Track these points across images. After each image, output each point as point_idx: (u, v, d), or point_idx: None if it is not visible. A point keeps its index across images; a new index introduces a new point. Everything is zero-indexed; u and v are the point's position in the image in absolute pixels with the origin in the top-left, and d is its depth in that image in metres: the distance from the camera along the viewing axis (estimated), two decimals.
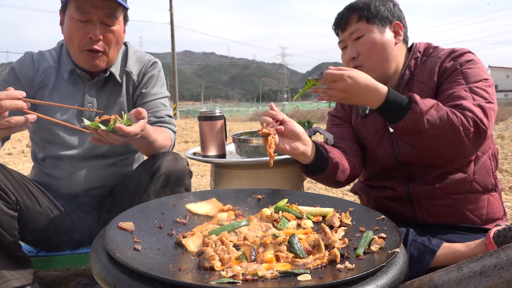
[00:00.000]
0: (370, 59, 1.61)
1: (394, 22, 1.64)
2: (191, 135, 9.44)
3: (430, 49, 1.69)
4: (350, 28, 1.63)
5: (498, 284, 0.95)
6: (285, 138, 1.45)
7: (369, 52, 1.61)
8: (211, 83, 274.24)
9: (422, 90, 1.59)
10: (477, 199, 1.57)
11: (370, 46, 1.61)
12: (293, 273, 0.90)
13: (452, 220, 1.57)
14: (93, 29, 1.66)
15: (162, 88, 1.92)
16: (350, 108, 1.83)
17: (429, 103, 1.39)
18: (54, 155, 1.78)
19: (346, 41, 1.66)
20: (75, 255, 1.84)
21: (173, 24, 25.40)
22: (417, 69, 1.65)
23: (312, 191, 4.10)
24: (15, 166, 5.83)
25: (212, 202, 1.34)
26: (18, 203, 1.59)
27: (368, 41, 1.61)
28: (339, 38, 1.70)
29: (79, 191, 1.81)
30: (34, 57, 1.80)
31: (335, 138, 1.73)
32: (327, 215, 1.25)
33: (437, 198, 1.57)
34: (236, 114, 36.30)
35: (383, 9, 1.63)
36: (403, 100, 1.41)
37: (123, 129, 1.39)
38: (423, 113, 1.36)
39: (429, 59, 1.64)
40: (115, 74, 1.82)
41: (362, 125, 1.73)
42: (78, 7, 1.64)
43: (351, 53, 1.63)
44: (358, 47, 1.62)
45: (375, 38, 1.61)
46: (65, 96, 1.77)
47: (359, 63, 1.62)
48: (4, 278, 1.48)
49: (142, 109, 1.48)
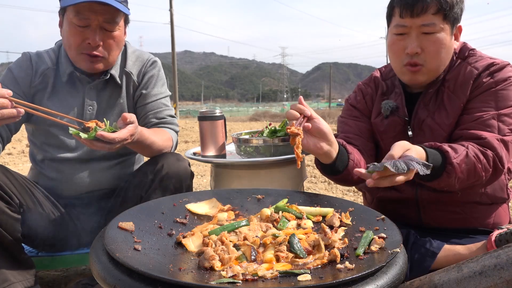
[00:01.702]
0: (434, 61, 1.46)
1: (459, 24, 1.49)
2: (191, 135, 9.44)
3: (466, 51, 1.56)
4: (426, 18, 1.42)
5: (498, 284, 0.95)
6: (310, 136, 1.34)
7: (436, 53, 1.45)
8: (211, 83, 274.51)
9: (453, 103, 1.49)
10: (486, 210, 1.54)
11: (439, 48, 1.45)
12: (293, 273, 0.90)
13: (457, 226, 1.54)
14: (92, 35, 1.62)
15: (162, 88, 1.90)
16: (372, 101, 1.71)
17: (460, 157, 1.31)
18: (53, 158, 1.77)
19: (410, 29, 1.45)
20: (75, 255, 1.84)
21: (173, 24, 25.40)
22: (450, 72, 1.53)
23: (312, 191, 4.10)
24: (15, 166, 5.83)
25: (212, 202, 1.34)
26: (21, 206, 1.59)
27: (439, 41, 1.44)
28: (401, 22, 1.46)
29: (80, 193, 1.80)
30: (32, 58, 1.75)
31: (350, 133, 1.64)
32: (327, 215, 1.25)
33: (444, 204, 1.54)
34: (236, 114, 36.30)
35: (457, 8, 1.44)
36: (437, 161, 1.30)
37: (105, 136, 1.36)
38: (456, 174, 1.30)
39: (464, 64, 1.52)
40: (115, 76, 1.79)
41: (382, 125, 1.64)
42: (77, 12, 1.59)
43: (415, 47, 1.44)
44: (425, 43, 1.44)
45: (446, 40, 1.45)
46: (64, 99, 1.74)
47: (420, 61, 1.46)
48: (8, 281, 1.47)
49: (127, 114, 1.45)
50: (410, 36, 1.46)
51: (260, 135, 1.97)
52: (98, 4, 1.57)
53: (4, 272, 1.47)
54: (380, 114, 1.66)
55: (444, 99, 1.52)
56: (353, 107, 1.74)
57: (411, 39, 1.46)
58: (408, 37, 1.47)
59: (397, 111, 1.60)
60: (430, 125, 1.54)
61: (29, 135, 1.84)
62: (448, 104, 1.51)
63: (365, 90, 1.75)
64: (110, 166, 1.83)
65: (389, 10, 1.53)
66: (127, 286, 0.84)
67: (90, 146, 1.40)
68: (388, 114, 1.61)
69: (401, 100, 1.62)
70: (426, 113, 1.55)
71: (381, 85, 1.72)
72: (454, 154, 1.31)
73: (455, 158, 1.30)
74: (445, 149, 1.31)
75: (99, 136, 1.36)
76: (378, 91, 1.71)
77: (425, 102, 1.57)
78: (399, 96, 1.63)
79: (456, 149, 1.32)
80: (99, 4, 1.57)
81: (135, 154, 1.94)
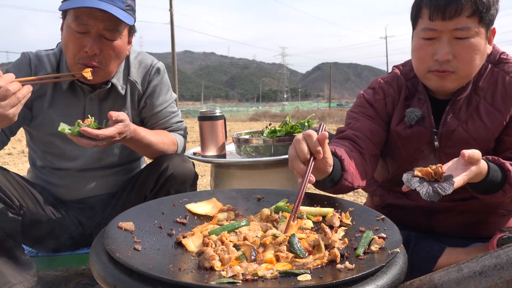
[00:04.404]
0: (467, 68, 1.32)
1: (493, 27, 1.35)
2: (191, 135, 9.44)
3: (497, 55, 1.43)
4: (459, 22, 1.26)
5: (498, 284, 0.95)
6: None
7: (470, 60, 1.31)
8: (211, 83, 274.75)
9: (492, 116, 1.37)
10: (499, 220, 1.51)
11: (474, 54, 1.30)
12: (293, 273, 0.90)
13: (467, 235, 1.50)
14: (91, 43, 1.51)
15: (167, 95, 1.84)
16: (393, 105, 1.54)
17: None
18: (54, 166, 1.75)
19: (441, 33, 1.30)
20: (75, 255, 1.84)
21: (173, 24, 25.41)
22: (483, 79, 1.40)
23: (312, 191, 4.10)
24: (15, 166, 5.83)
25: (212, 202, 1.34)
26: (21, 208, 1.58)
27: (474, 47, 1.29)
28: (431, 25, 1.31)
29: (81, 198, 1.79)
30: (32, 62, 1.66)
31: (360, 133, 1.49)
32: (327, 215, 1.25)
33: (457, 213, 1.48)
34: (236, 114, 36.32)
35: (494, 10, 1.30)
36: (498, 178, 1.22)
37: (88, 132, 1.36)
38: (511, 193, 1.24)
39: (500, 72, 1.39)
40: (117, 86, 1.71)
41: (404, 133, 1.49)
42: (76, 17, 1.49)
43: (447, 54, 1.30)
44: (458, 49, 1.30)
45: (480, 45, 1.30)
46: (65, 108, 1.68)
47: (450, 68, 1.32)
48: (9, 283, 1.47)
49: (114, 113, 1.44)
50: (441, 41, 1.31)
51: (260, 135, 1.97)
52: (99, 10, 1.47)
53: (5, 273, 1.47)
54: (402, 121, 1.51)
55: (481, 110, 1.40)
56: (370, 104, 1.56)
57: (442, 45, 1.31)
58: (438, 42, 1.32)
59: (423, 121, 1.46)
60: (462, 136, 1.41)
61: (28, 140, 1.80)
62: (486, 117, 1.39)
63: (387, 90, 1.56)
64: (112, 173, 1.82)
65: (415, 11, 1.37)
66: (127, 286, 0.84)
67: (77, 142, 1.40)
68: (413, 124, 1.47)
69: (427, 109, 1.47)
70: (456, 122, 1.42)
71: (404, 87, 1.55)
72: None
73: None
74: (508, 168, 1.24)
75: (83, 132, 1.36)
76: (401, 95, 1.55)
77: (454, 110, 1.44)
78: (424, 104, 1.48)
79: None
80: (100, 10, 1.47)
81: (136, 161, 1.93)
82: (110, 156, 1.78)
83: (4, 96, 1.26)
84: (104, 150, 1.74)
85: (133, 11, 1.59)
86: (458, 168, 1.15)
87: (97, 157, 1.74)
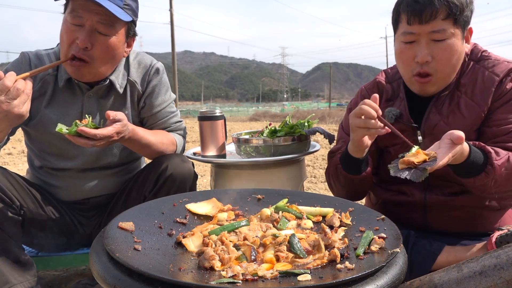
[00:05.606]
0: (445, 69, 1.40)
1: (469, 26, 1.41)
2: (191, 135, 9.44)
3: (479, 52, 1.49)
4: (435, 25, 1.34)
5: (498, 284, 0.95)
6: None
7: (448, 61, 1.38)
8: (211, 83, 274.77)
9: (471, 109, 1.43)
10: (493, 215, 1.52)
11: (451, 55, 1.37)
12: (293, 273, 0.90)
13: (462, 230, 1.52)
14: (83, 35, 1.50)
15: (166, 95, 1.84)
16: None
17: (502, 160, 1.28)
18: (52, 166, 1.74)
19: (419, 36, 1.38)
20: (75, 255, 1.84)
21: (173, 24, 25.42)
22: (464, 76, 1.46)
23: (312, 191, 4.10)
24: (15, 166, 5.83)
25: (212, 202, 1.34)
26: (22, 208, 1.58)
27: (450, 48, 1.36)
28: (409, 29, 1.38)
29: (80, 198, 1.79)
30: (32, 62, 1.65)
31: None
32: (327, 215, 1.25)
33: (451, 209, 1.51)
34: (236, 114, 36.33)
35: (468, 11, 1.36)
36: (480, 159, 1.27)
37: (85, 132, 1.36)
38: (495, 176, 1.28)
39: (480, 68, 1.45)
40: (115, 83, 1.70)
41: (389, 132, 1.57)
42: (72, 10, 1.50)
43: (426, 56, 1.37)
44: (436, 51, 1.37)
45: (457, 46, 1.37)
46: (62, 106, 1.68)
47: (429, 70, 1.40)
48: (10, 283, 1.47)
49: (112, 112, 1.44)
50: (420, 43, 1.38)
51: (260, 135, 1.97)
52: (94, 3, 1.47)
53: (5, 273, 1.47)
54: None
55: (461, 104, 1.46)
56: None
57: (420, 47, 1.38)
58: (417, 44, 1.39)
59: (401, 118, 1.55)
60: (443, 129, 1.44)
61: (26, 140, 1.80)
62: (465, 110, 1.44)
63: (367, 96, 1.66)
64: (112, 174, 1.81)
65: (395, 16, 1.45)
66: (127, 286, 0.84)
67: (74, 142, 1.40)
68: (393, 122, 1.55)
69: (404, 107, 1.56)
70: (438, 117, 1.50)
71: (386, 90, 1.66)
72: (496, 156, 1.29)
73: (497, 160, 1.28)
74: (488, 150, 1.29)
75: (80, 131, 1.36)
76: (382, 98, 1.65)
77: (437, 106, 1.51)
78: (402, 102, 1.58)
79: (498, 152, 1.31)
80: (95, 3, 1.47)
81: (136, 161, 1.93)
82: (109, 156, 1.77)
83: (16, 95, 1.30)
84: (103, 150, 1.74)
85: (132, 11, 1.59)
86: (442, 147, 1.20)
87: (96, 157, 1.74)
